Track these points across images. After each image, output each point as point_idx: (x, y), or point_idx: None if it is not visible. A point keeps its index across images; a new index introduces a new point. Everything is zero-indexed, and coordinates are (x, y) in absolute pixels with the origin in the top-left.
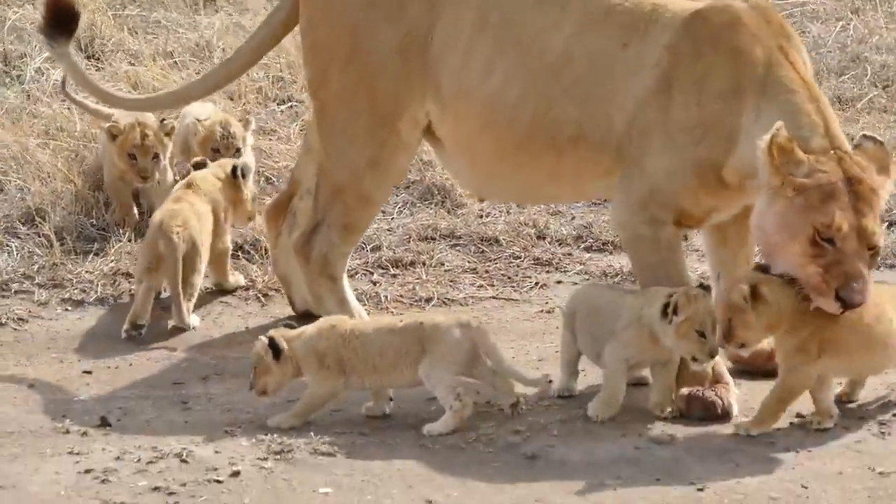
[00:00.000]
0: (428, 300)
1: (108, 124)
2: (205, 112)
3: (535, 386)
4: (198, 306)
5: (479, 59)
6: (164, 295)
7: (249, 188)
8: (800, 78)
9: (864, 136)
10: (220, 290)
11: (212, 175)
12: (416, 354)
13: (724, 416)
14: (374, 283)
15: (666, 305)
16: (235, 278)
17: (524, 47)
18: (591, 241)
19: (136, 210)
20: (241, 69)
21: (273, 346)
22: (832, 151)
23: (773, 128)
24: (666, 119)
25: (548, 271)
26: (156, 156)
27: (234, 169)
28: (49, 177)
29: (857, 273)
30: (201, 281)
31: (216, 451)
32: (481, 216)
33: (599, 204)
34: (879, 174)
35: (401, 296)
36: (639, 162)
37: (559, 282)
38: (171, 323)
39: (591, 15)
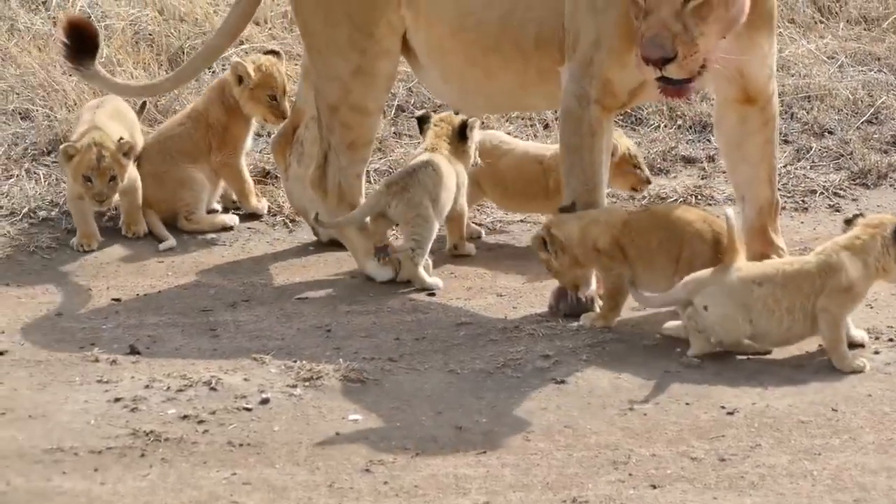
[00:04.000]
0: None
1: (64, 144)
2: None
3: None
4: (226, 234)
5: None
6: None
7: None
8: None
9: None
10: (247, 215)
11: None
12: None
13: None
14: None
15: None
16: (262, 203)
17: None
18: None
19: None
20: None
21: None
22: None
23: None
24: None
25: None
26: (113, 178)
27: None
28: (75, 104)
29: (654, 26)
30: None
31: (245, 379)
32: None
33: None
34: None
35: None
36: (578, 41)
37: None
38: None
39: None
